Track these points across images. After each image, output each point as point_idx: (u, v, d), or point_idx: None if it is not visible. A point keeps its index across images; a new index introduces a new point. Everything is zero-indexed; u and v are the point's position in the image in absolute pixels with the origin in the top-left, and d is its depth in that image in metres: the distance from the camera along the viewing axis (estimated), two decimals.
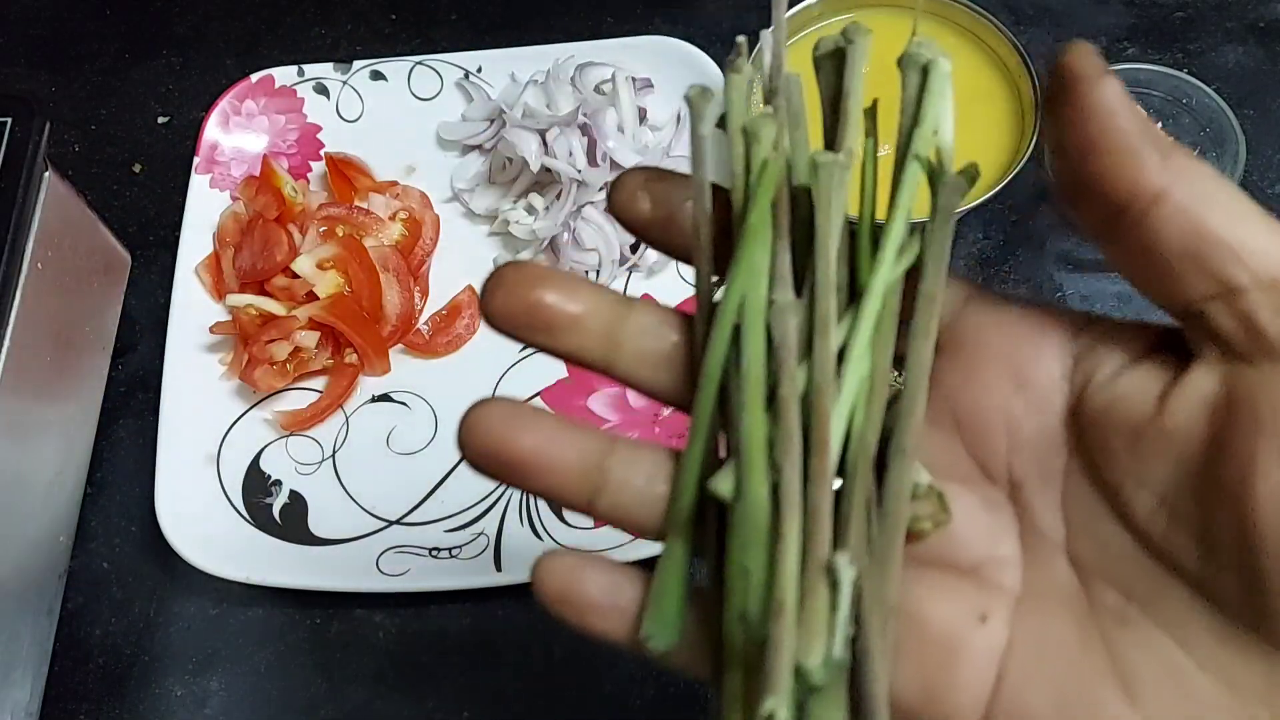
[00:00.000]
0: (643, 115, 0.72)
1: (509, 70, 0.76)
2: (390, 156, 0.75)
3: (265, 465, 0.65)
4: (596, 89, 0.72)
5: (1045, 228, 0.72)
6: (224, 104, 0.74)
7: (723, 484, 0.24)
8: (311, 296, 0.67)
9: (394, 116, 0.76)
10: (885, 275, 0.26)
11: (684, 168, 0.76)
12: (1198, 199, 0.23)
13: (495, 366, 0.68)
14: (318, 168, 0.75)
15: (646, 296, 0.51)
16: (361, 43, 0.81)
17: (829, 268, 0.25)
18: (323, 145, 0.75)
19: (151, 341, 0.69)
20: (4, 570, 0.58)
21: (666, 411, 0.66)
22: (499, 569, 0.61)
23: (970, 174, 0.27)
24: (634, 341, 0.27)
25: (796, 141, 0.28)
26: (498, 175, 0.73)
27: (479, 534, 0.63)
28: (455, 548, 0.62)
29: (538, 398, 0.67)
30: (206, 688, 0.61)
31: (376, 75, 0.76)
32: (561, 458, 0.26)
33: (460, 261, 0.72)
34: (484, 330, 0.70)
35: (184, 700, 0.61)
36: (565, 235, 0.69)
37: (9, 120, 0.60)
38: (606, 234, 0.70)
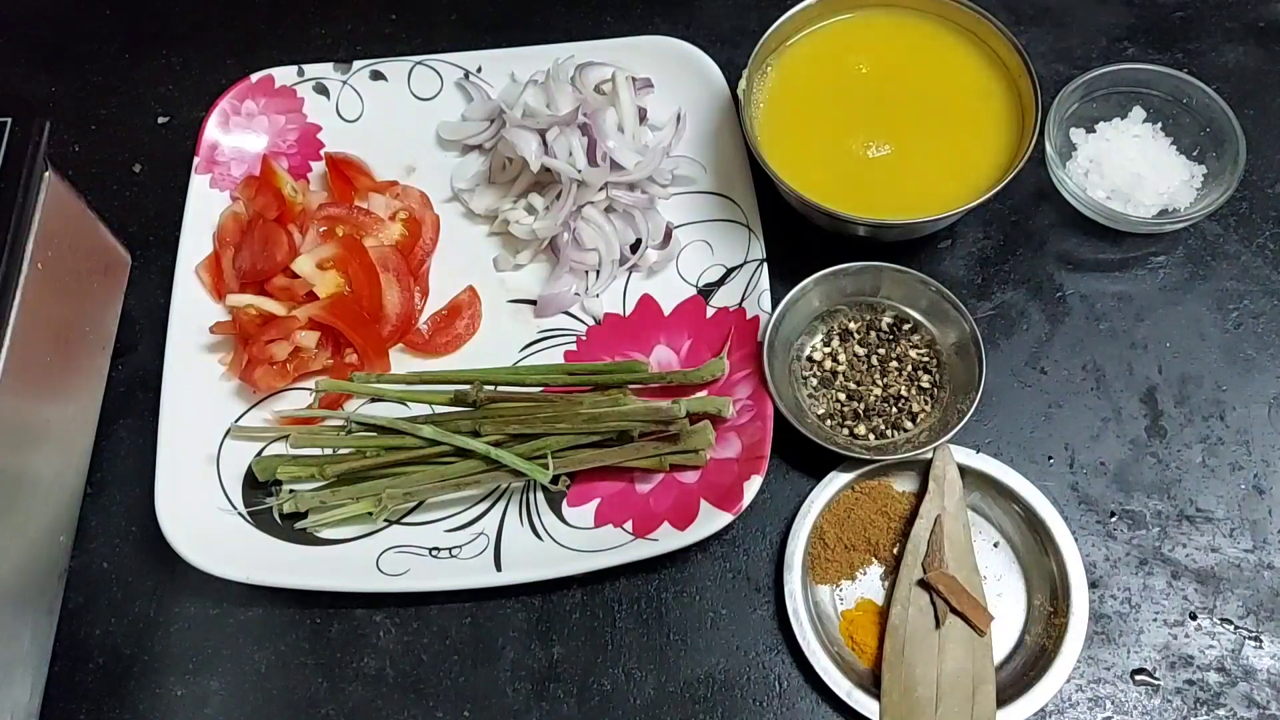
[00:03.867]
0: (643, 115, 0.72)
1: (509, 70, 0.76)
2: (390, 156, 0.75)
3: None
4: (596, 89, 0.72)
5: (1045, 228, 0.72)
6: (224, 104, 0.74)
7: None
8: (311, 296, 0.67)
9: (394, 116, 0.76)
10: None
11: (684, 167, 0.76)
12: None
13: (494, 365, 0.68)
14: (318, 168, 0.75)
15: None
16: (361, 43, 0.81)
17: None
18: (323, 145, 0.75)
19: (151, 341, 0.69)
20: (4, 570, 0.58)
21: None
22: (499, 569, 0.61)
23: None
24: None
25: None
26: (498, 175, 0.73)
27: (479, 534, 0.63)
28: (455, 548, 0.62)
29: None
30: (206, 688, 0.61)
31: (376, 75, 0.76)
32: None
33: (460, 261, 0.72)
34: (484, 330, 0.70)
35: (184, 700, 0.61)
36: (565, 235, 0.69)
37: (9, 120, 0.60)
38: (606, 234, 0.70)
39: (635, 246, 0.70)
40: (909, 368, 0.66)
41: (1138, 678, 0.60)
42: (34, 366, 0.59)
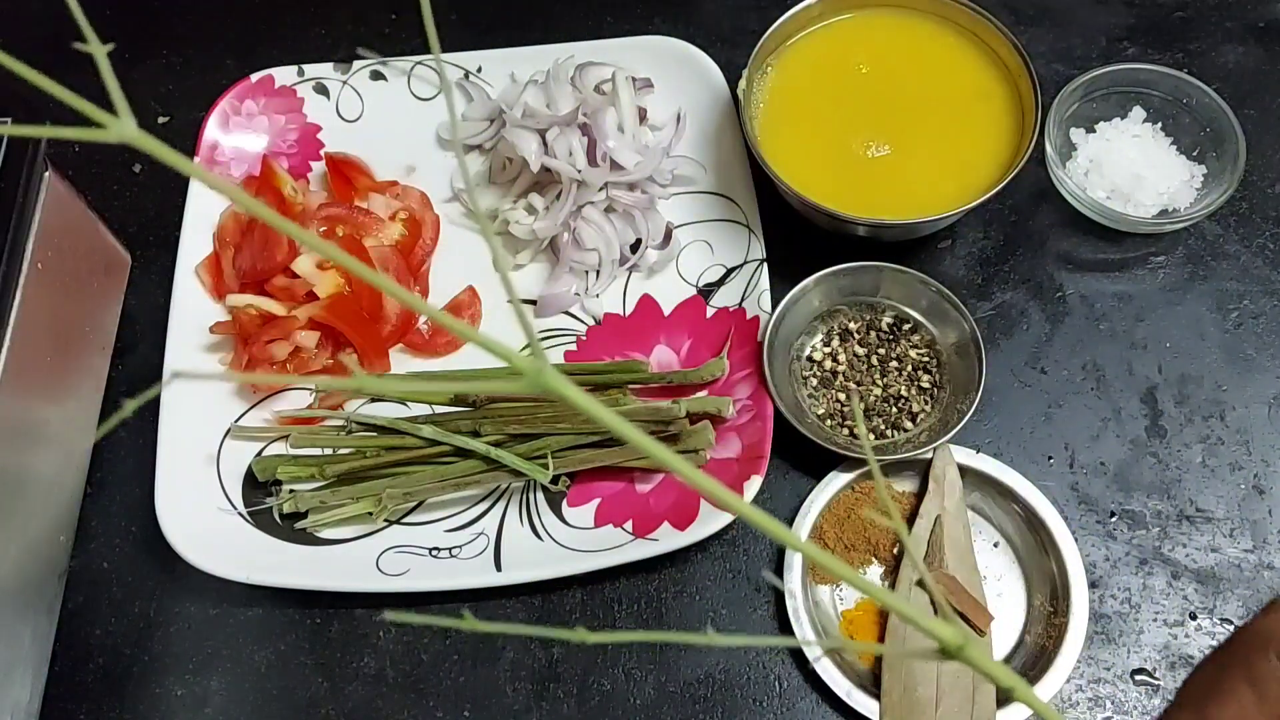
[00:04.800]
0: (643, 115, 0.72)
1: (509, 70, 0.76)
2: (390, 156, 0.75)
3: None
4: (596, 89, 0.72)
5: (1045, 228, 0.72)
6: (224, 104, 0.74)
7: None
8: (311, 296, 0.67)
9: (394, 116, 0.76)
10: None
11: (684, 167, 0.76)
12: None
13: (494, 365, 0.68)
14: (318, 168, 0.75)
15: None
16: (361, 43, 0.81)
17: None
18: (323, 145, 0.75)
19: (151, 341, 0.69)
20: (4, 570, 0.58)
21: None
22: (499, 569, 0.61)
23: None
24: None
25: None
26: (498, 175, 0.73)
27: (479, 534, 0.63)
28: (455, 548, 0.62)
29: None
30: (206, 688, 0.61)
31: (376, 75, 0.76)
32: None
33: (460, 261, 0.72)
34: (484, 330, 0.70)
35: (184, 700, 0.61)
36: (565, 235, 0.69)
37: (9, 120, 0.60)
38: (606, 234, 0.70)
39: (635, 246, 0.70)
40: (909, 368, 0.66)
41: (1138, 678, 0.60)
42: (34, 366, 0.60)
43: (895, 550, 0.62)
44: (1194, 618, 0.61)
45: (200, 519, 0.62)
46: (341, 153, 0.73)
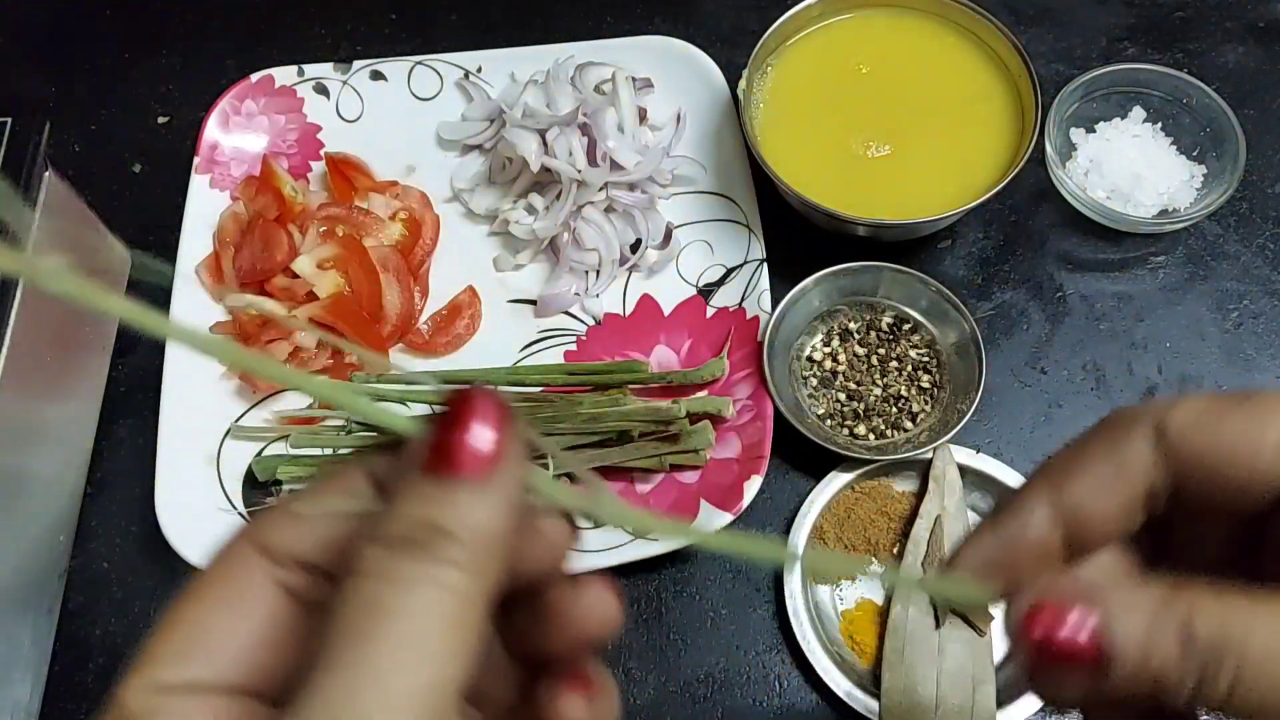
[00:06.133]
0: (643, 115, 0.72)
1: (509, 70, 0.76)
2: (390, 156, 0.75)
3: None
4: (596, 89, 0.72)
5: (1045, 228, 0.73)
6: (224, 104, 0.74)
7: None
8: (311, 296, 0.67)
9: (394, 116, 0.76)
10: None
11: (684, 167, 0.76)
12: None
13: (494, 365, 0.68)
14: (318, 168, 0.75)
15: None
16: (361, 43, 0.81)
17: None
18: (323, 145, 0.75)
19: (151, 341, 0.69)
20: (4, 570, 0.58)
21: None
22: None
23: None
24: None
25: None
26: (498, 175, 0.73)
27: None
28: None
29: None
30: None
31: (376, 75, 0.76)
32: None
33: (460, 261, 0.72)
34: (484, 330, 0.70)
35: None
36: (565, 235, 0.69)
37: (9, 120, 0.60)
38: (606, 234, 0.70)
39: (635, 246, 0.70)
40: (909, 368, 0.66)
41: None
42: (34, 366, 0.60)
43: (895, 550, 0.62)
44: None
45: (200, 519, 0.62)
46: (341, 153, 0.73)
